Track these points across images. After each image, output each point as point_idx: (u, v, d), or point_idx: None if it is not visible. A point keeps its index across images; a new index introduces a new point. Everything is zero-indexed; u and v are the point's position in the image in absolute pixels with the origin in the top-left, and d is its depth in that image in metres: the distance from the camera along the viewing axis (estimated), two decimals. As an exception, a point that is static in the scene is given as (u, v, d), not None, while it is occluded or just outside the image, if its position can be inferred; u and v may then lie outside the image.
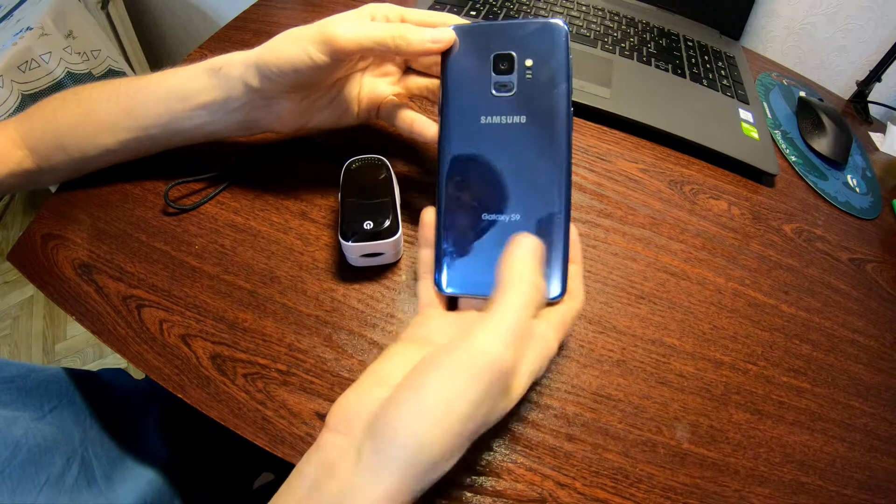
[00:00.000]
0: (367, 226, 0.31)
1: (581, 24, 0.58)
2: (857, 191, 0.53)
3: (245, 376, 0.30)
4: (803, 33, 0.68)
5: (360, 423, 0.21)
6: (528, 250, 0.23)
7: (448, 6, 0.55)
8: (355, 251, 0.32)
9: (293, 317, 0.32)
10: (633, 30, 0.59)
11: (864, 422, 0.35)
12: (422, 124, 0.33)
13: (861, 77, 0.64)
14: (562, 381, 0.32)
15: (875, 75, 0.62)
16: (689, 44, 0.60)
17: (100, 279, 0.33)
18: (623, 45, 0.56)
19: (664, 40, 0.59)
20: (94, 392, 0.44)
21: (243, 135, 0.35)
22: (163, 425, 0.46)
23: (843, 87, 0.68)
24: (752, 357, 0.36)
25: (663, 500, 0.29)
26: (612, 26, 0.59)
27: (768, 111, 0.58)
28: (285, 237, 0.36)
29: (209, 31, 0.74)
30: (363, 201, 0.32)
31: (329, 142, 0.40)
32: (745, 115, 0.53)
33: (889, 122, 0.65)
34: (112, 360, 1.12)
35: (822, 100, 0.61)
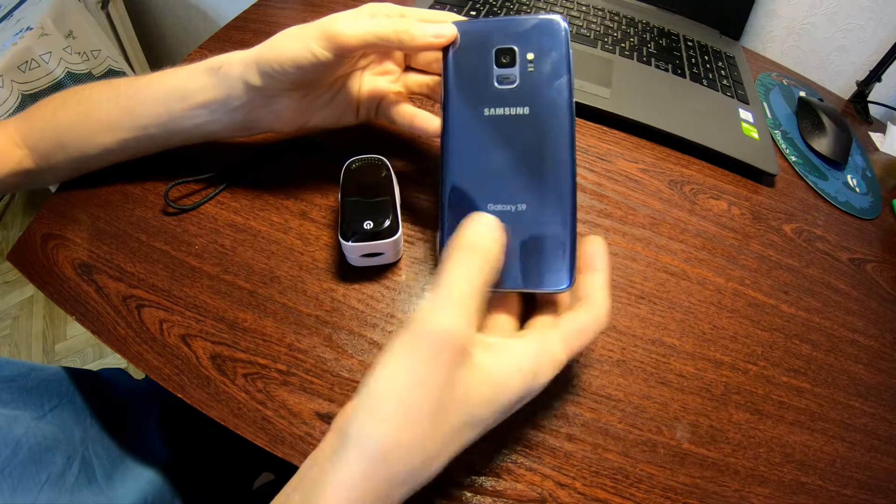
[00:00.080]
0: (367, 226, 0.31)
1: (581, 23, 0.58)
2: (857, 191, 0.53)
3: (245, 376, 0.30)
4: (803, 33, 0.68)
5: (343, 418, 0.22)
6: (475, 221, 0.23)
7: (448, 6, 0.55)
8: (355, 251, 0.32)
9: (293, 317, 0.32)
10: (633, 30, 0.59)
11: (864, 422, 0.35)
12: (423, 119, 0.33)
13: (861, 77, 0.64)
14: (562, 381, 0.32)
15: (875, 75, 0.62)
16: (689, 44, 0.60)
17: (100, 279, 0.33)
18: (623, 45, 0.56)
19: (664, 40, 0.59)
20: (94, 391, 0.44)
21: (243, 135, 0.35)
22: (163, 425, 0.46)
23: (843, 87, 0.68)
24: (752, 357, 0.36)
25: (663, 500, 0.29)
26: (612, 26, 0.59)
27: (768, 111, 0.58)
28: (285, 237, 0.36)
29: (209, 31, 0.74)
30: (363, 201, 0.32)
31: (329, 141, 0.40)
32: (745, 115, 0.53)
33: (889, 122, 0.65)
34: (112, 360, 1.12)
35: (822, 100, 0.61)
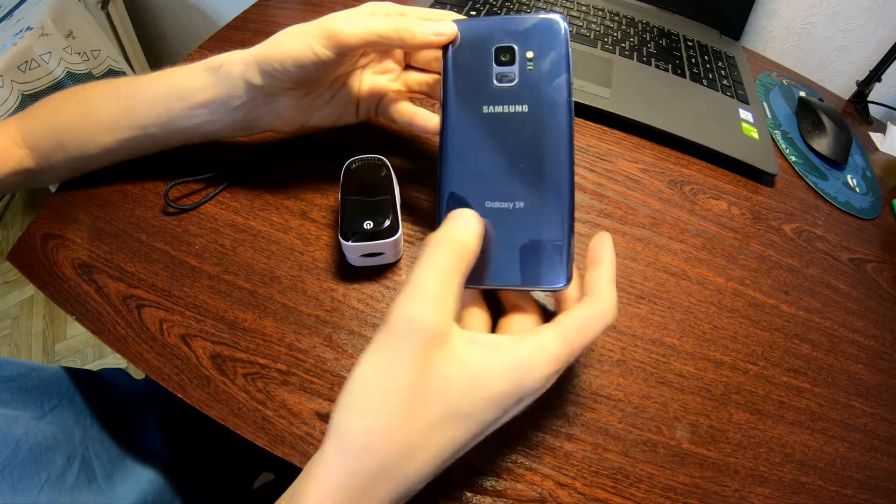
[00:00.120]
0: (367, 225, 0.31)
1: (581, 23, 0.58)
2: (857, 191, 0.53)
3: (245, 376, 0.30)
4: (803, 33, 0.68)
5: None
6: (452, 216, 0.24)
7: (448, 5, 0.55)
8: (355, 251, 0.32)
9: (293, 317, 0.32)
10: (633, 30, 0.59)
11: (864, 422, 0.35)
12: (422, 117, 0.33)
13: (861, 77, 0.64)
14: (562, 381, 0.32)
15: (875, 75, 0.62)
16: (689, 44, 0.60)
17: (100, 279, 0.33)
18: (623, 45, 0.56)
19: (664, 40, 0.59)
20: (94, 391, 0.44)
21: (243, 134, 0.35)
22: (163, 425, 0.46)
23: (843, 87, 0.68)
24: (752, 357, 0.36)
25: (663, 500, 0.29)
26: (612, 26, 0.59)
27: (768, 111, 0.58)
28: (285, 237, 0.36)
29: (209, 31, 0.74)
30: (363, 201, 0.32)
31: (329, 141, 0.40)
32: (745, 115, 0.53)
33: (889, 122, 0.65)
34: (112, 360, 1.12)
35: (822, 100, 0.61)
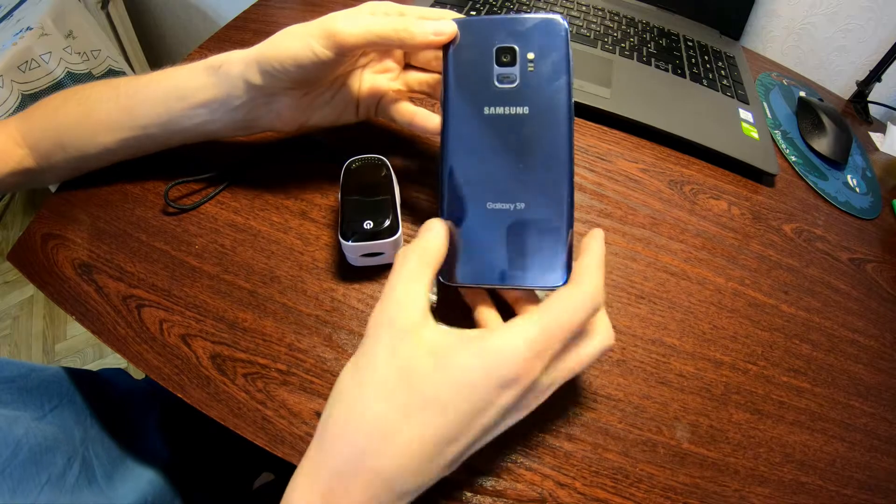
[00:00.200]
0: (367, 225, 0.31)
1: (581, 23, 0.58)
2: (857, 191, 0.53)
3: (245, 376, 0.30)
4: (803, 33, 0.68)
5: None
6: (423, 227, 0.26)
7: (448, 5, 0.55)
8: (355, 251, 0.32)
9: (293, 316, 0.32)
10: (633, 30, 0.59)
11: (864, 422, 0.35)
12: (423, 117, 0.33)
13: (861, 77, 0.64)
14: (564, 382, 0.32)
15: (875, 75, 0.62)
16: (689, 44, 0.60)
17: (100, 279, 0.33)
18: (623, 45, 0.56)
19: (664, 40, 0.59)
20: (94, 392, 0.44)
21: (243, 134, 0.35)
22: (163, 425, 0.46)
23: (843, 87, 0.68)
24: (752, 357, 0.36)
25: (663, 499, 0.29)
26: (612, 26, 0.59)
27: (768, 111, 0.58)
28: (285, 237, 0.36)
29: (209, 31, 0.74)
30: (363, 201, 0.32)
31: (329, 141, 0.40)
32: (745, 115, 0.53)
33: (889, 122, 0.65)
34: (112, 360, 1.12)
35: (822, 100, 0.61)
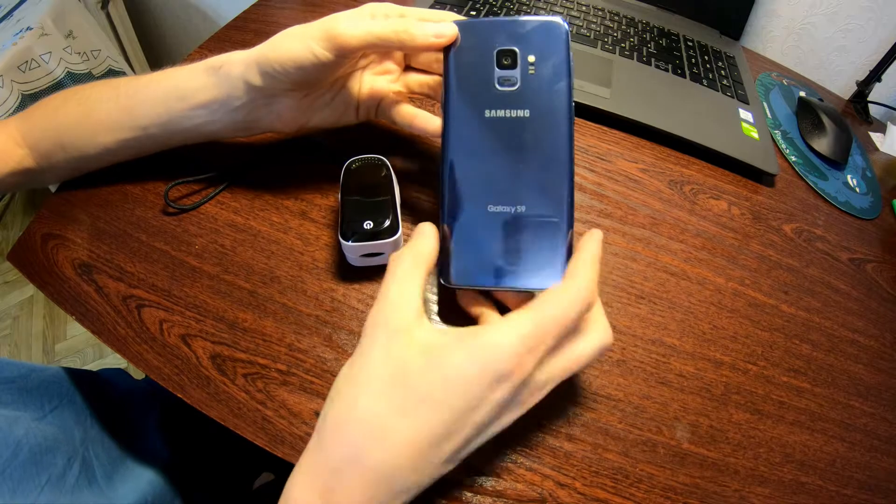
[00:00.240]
0: (367, 226, 0.31)
1: (581, 24, 0.58)
2: (857, 191, 0.53)
3: (245, 376, 0.30)
4: (803, 33, 0.68)
5: None
6: (414, 234, 0.27)
7: (448, 5, 0.55)
8: (355, 251, 0.32)
9: (293, 317, 0.32)
10: (633, 30, 0.59)
11: (864, 422, 0.35)
12: (423, 119, 0.33)
13: (861, 77, 0.64)
14: (561, 381, 0.32)
15: (875, 75, 0.62)
16: (689, 44, 0.60)
17: (100, 279, 0.33)
18: (623, 45, 0.56)
19: (664, 40, 0.59)
20: (94, 392, 0.44)
21: (243, 135, 0.35)
22: (163, 425, 0.46)
23: (843, 87, 0.68)
24: (752, 357, 0.36)
25: (663, 500, 0.29)
26: (612, 26, 0.59)
27: (768, 111, 0.58)
28: (285, 237, 0.36)
29: (209, 31, 0.74)
30: (363, 201, 0.32)
31: (329, 141, 0.40)
32: (745, 115, 0.53)
33: (889, 122, 0.65)
34: (112, 360, 1.12)
35: (822, 100, 0.61)
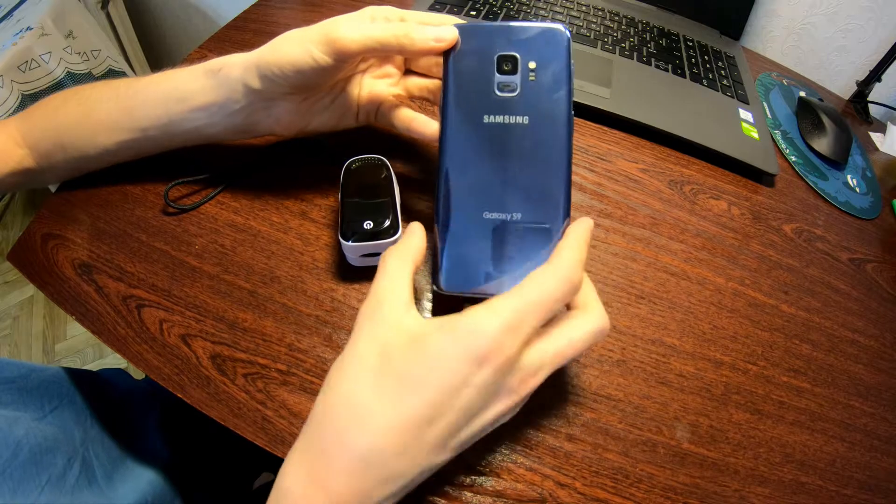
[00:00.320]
0: (367, 226, 0.31)
1: (581, 24, 0.58)
2: (857, 191, 0.53)
3: (245, 376, 0.30)
4: (803, 33, 0.68)
5: None
6: (405, 233, 0.27)
7: (448, 6, 0.55)
8: (355, 251, 0.32)
9: (293, 317, 0.32)
10: (633, 30, 0.59)
11: (864, 422, 0.35)
12: (421, 123, 0.33)
13: (861, 77, 0.64)
14: (561, 381, 0.32)
15: (875, 75, 0.62)
16: (689, 44, 0.60)
17: (100, 279, 0.33)
18: (623, 45, 0.56)
19: (664, 40, 0.59)
20: (94, 392, 0.44)
21: (243, 138, 0.35)
22: (163, 425, 0.46)
23: (843, 87, 0.68)
24: (752, 357, 0.36)
25: (663, 500, 0.29)
26: (612, 26, 0.59)
27: (768, 111, 0.58)
28: (285, 237, 0.36)
29: (209, 31, 0.74)
30: (363, 201, 0.32)
31: (329, 141, 0.40)
32: (745, 115, 0.53)
33: (889, 122, 0.65)
34: (112, 360, 1.12)
35: (822, 100, 0.61)
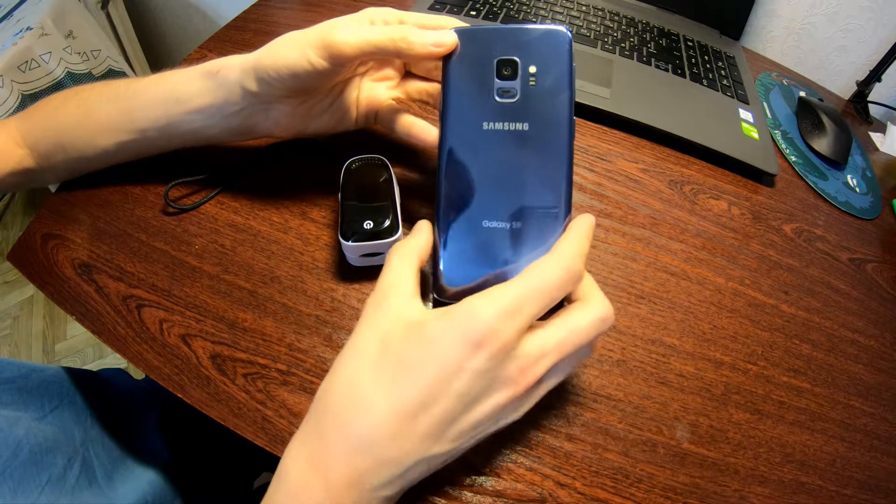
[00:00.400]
0: (367, 226, 0.31)
1: (581, 24, 0.58)
2: (857, 191, 0.53)
3: (245, 376, 0.30)
4: (803, 33, 0.68)
5: None
6: (413, 231, 0.27)
7: (448, 6, 0.55)
8: (355, 251, 0.32)
9: (293, 317, 0.32)
10: (633, 30, 0.59)
11: (864, 422, 0.35)
12: (420, 128, 0.32)
13: (861, 77, 0.64)
14: (562, 381, 0.32)
15: (875, 75, 0.62)
16: (689, 44, 0.60)
17: (100, 279, 0.33)
18: (623, 45, 0.56)
19: (664, 40, 0.59)
20: (94, 392, 0.44)
21: (241, 139, 0.35)
22: (163, 425, 0.46)
23: (843, 87, 0.68)
24: (752, 357, 0.36)
25: (663, 500, 0.29)
26: (612, 26, 0.59)
27: (768, 111, 0.58)
28: (285, 237, 0.36)
29: (209, 31, 0.74)
30: (363, 201, 0.32)
31: (329, 141, 0.40)
32: (745, 115, 0.53)
33: (889, 122, 0.65)
34: (112, 360, 1.12)
35: (822, 100, 0.61)
